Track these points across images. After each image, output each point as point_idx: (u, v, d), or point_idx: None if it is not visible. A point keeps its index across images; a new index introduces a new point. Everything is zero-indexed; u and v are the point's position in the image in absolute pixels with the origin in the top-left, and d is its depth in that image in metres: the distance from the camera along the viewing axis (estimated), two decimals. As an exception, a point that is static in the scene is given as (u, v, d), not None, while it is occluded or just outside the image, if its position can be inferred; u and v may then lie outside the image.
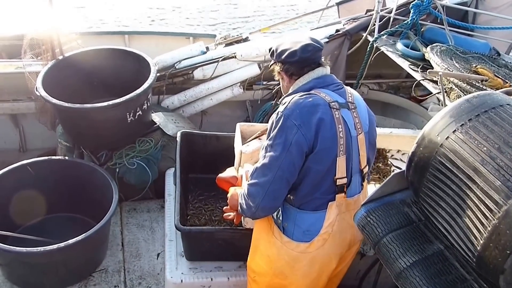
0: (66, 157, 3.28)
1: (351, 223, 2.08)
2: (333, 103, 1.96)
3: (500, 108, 1.57)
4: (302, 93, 1.99)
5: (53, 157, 3.21)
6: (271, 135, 1.95)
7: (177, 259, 2.74)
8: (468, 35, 4.04)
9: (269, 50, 2.19)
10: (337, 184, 1.99)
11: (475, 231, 1.47)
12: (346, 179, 2.00)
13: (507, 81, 3.09)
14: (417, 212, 1.87)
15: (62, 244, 2.57)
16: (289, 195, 2.03)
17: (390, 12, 3.79)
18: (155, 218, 3.37)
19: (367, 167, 2.14)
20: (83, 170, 3.14)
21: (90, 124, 3.17)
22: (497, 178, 1.40)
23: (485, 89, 2.83)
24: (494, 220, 1.39)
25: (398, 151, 3.30)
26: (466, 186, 1.50)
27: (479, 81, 3.05)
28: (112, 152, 3.34)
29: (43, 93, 3.12)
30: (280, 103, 2.09)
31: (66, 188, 3.15)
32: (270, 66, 2.23)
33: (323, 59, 2.11)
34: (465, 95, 2.84)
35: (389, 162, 3.18)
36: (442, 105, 3.86)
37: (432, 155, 1.62)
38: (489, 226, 1.41)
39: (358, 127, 2.03)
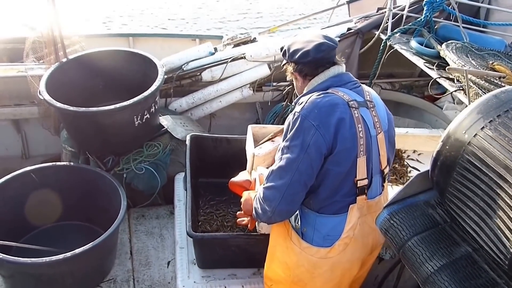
0: (72, 163, 3.26)
1: (373, 226, 2.05)
2: (351, 102, 1.94)
3: (530, 103, 1.56)
4: (319, 92, 1.96)
5: (58, 163, 3.18)
6: (288, 136, 1.92)
7: (188, 267, 2.71)
8: (481, 31, 4.04)
9: (281, 49, 2.17)
10: (358, 185, 1.96)
11: (507, 232, 1.45)
12: (367, 180, 1.98)
13: (525, 78, 3.08)
14: (442, 214, 1.84)
15: (68, 254, 2.53)
16: (307, 199, 2.00)
17: (402, 10, 3.78)
18: (165, 225, 3.35)
19: (388, 167, 2.12)
20: (90, 176, 3.12)
21: (96, 128, 3.15)
22: (530, 177, 1.38)
23: (504, 86, 2.80)
24: (528, 220, 1.37)
25: (414, 151, 3.29)
26: (497, 185, 1.48)
27: (497, 78, 3.04)
28: (119, 157, 3.33)
29: (47, 97, 3.11)
30: (295, 104, 2.06)
31: (71, 195, 3.12)
32: (283, 66, 2.20)
33: (337, 57, 2.08)
34: (484, 92, 2.86)
35: (405, 163, 3.16)
36: (456, 103, 3.86)
37: (459, 153, 1.60)
38: (523, 227, 1.39)
39: (378, 126, 2.01)
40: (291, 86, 4.13)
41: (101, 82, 3.62)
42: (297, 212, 2.07)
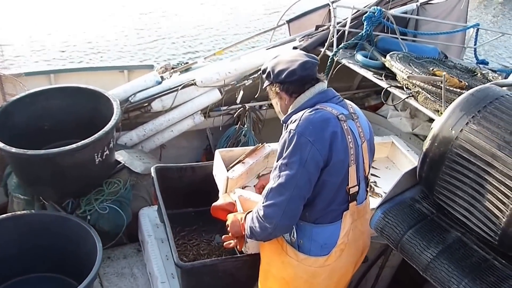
0: (33, 211, 3.23)
1: (362, 230, 2.34)
2: (340, 116, 2.18)
3: (501, 98, 1.91)
4: (310, 109, 2.18)
5: (17, 213, 3.14)
6: (286, 153, 2.09)
7: (175, 301, 2.82)
8: (413, 41, 4.60)
9: (263, 72, 2.34)
10: (350, 193, 2.21)
11: (496, 211, 1.78)
12: (357, 187, 2.24)
13: (461, 80, 3.59)
14: (428, 207, 2.17)
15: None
16: (303, 212, 2.17)
17: (344, 26, 4.21)
18: (134, 264, 3.39)
19: (369, 173, 2.42)
20: (53, 223, 3.10)
21: (55, 170, 3.16)
22: (514, 160, 1.73)
23: (451, 89, 3.26)
24: (516, 197, 1.71)
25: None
26: (485, 172, 1.80)
27: (440, 82, 3.51)
28: (79, 199, 3.35)
29: None
30: (285, 122, 2.27)
31: (35, 246, 3.08)
32: (265, 88, 2.38)
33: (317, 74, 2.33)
34: (432, 96, 3.29)
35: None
36: (400, 110, 4.33)
37: (447, 148, 1.92)
38: (511, 204, 1.73)
39: (362, 135, 2.28)
40: (241, 109, 4.40)
41: (46, 122, 3.62)
42: None
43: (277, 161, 2.16)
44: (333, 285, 2.37)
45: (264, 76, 2.34)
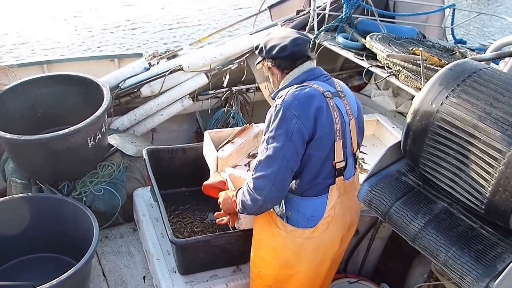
0: (30, 194, 3.09)
1: (350, 205, 2.25)
2: (326, 93, 2.10)
3: (479, 72, 1.83)
4: (297, 86, 2.10)
5: (15, 196, 2.99)
6: (272, 127, 2.03)
7: (171, 276, 2.72)
8: (392, 23, 4.45)
9: (256, 48, 2.26)
10: (337, 167, 2.12)
11: (481, 181, 1.69)
12: (343, 162, 2.15)
13: (441, 59, 3.48)
14: (414, 179, 2.07)
15: (47, 285, 2.39)
16: (291, 184, 2.12)
17: (324, 9, 4.05)
18: (131, 242, 3.29)
19: (358, 150, 2.30)
20: (50, 205, 2.97)
21: (50, 155, 3.02)
22: (496, 130, 1.62)
23: (431, 67, 3.15)
24: (500, 166, 1.61)
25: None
26: (468, 143, 1.71)
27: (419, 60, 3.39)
28: (74, 182, 3.22)
29: None
30: (274, 98, 2.18)
31: (33, 227, 2.96)
32: (257, 64, 2.30)
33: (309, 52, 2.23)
34: (413, 74, 3.18)
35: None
36: (382, 89, 4.22)
37: (429, 121, 1.82)
38: (496, 173, 1.62)
39: (349, 113, 2.19)
40: (228, 92, 4.26)
41: (40, 109, 3.47)
42: None
43: (264, 135, 2.08)
44: (320, 257, 2.28)
45: (256, 52, 2.25)
